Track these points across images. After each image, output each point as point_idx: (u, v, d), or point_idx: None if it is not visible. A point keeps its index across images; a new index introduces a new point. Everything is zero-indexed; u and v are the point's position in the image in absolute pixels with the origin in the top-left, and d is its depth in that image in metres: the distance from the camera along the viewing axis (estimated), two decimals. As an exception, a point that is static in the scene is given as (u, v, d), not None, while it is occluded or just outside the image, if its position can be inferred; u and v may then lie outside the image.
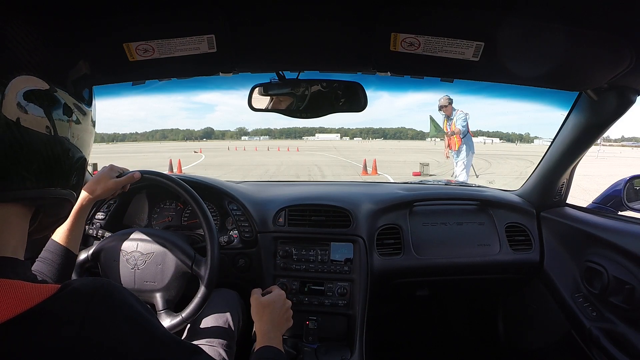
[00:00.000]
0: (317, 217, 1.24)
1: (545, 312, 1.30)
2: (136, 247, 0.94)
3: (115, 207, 1.23)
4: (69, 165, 0.43)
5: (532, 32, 0.61)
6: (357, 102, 0.93)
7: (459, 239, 1.31)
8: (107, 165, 0.92)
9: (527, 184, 1.41)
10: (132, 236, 0.95)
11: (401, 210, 1.32)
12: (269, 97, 0.97)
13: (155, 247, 0.94)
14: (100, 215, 1.20)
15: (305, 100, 0.94)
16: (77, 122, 0.44)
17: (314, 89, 0.93)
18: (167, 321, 0.89)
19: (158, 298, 0.92)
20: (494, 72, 0.73)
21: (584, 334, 1.09)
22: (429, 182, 1.80)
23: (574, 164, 1.19)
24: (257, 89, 0.94)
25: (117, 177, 0.89)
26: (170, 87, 0.99)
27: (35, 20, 0.39)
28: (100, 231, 1.08)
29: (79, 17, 0.54)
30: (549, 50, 0.64)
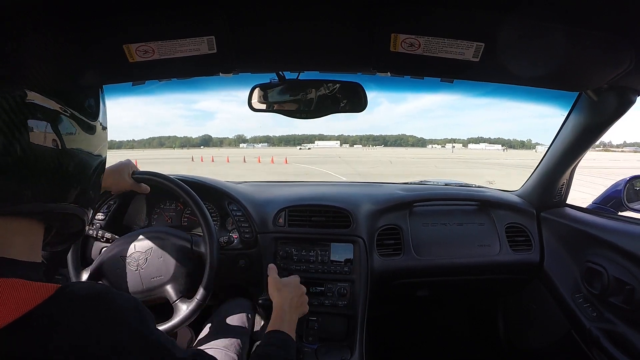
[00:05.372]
0: (317, 218, 1.24)
1: (545, 313, 1.30)
2: (134, 248, 0.94)
3: (115, 208, 1.23)
4: (69, 178, 0.41)
5: (532, 33, 0.61)
6: (357, 102, 0.92)
7: (459, 239, 1.31)
8: (126, 160, 0.95)
9: (527, 185, 1.41)
10: (126, 240, 0.96)
11: (401, 211, 1.32)
12: (269, 98, 0.97)
13: (151, 242, 0.95)
14: (100, 216, 1.20)
15: (306, 101, 0.94)
16: (76, 134, 0.42)
17: (314, 90, 0.93)
18: (184, 307, 0.91)
19: (169, 289, 0.93)
20: (494, 72, 0.73)
21: (584, 334, 1.08)
22: (429, 183, 1.79)
23: (574, 165, 1.19)
24: (257, 89, 0.94)
25: (131, 174, 0.95)
26: (171, 88, 1.00)
27: (35, 24, 0.39)
28: (100, 232, 1.08)
29: (78, 18, 0.54)
30: (549, 50, 0.64)
